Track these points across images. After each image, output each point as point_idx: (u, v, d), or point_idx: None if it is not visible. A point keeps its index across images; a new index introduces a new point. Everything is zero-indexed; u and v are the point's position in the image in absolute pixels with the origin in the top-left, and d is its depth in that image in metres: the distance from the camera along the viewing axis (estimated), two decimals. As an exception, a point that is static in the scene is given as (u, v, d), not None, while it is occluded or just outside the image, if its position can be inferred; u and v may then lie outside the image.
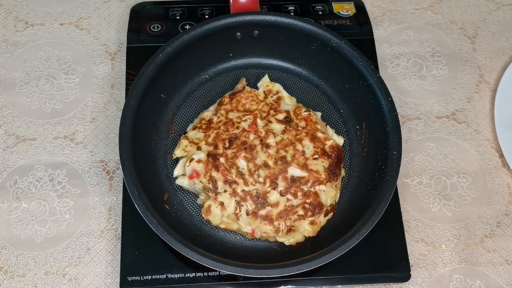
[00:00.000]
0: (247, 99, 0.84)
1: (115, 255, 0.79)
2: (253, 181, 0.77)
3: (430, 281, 0.80)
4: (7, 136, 0.87)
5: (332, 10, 0.98)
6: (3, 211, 0.82)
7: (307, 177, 0.77)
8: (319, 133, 0.81)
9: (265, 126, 0.81)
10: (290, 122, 0.82)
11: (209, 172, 0.77)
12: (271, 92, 0.86)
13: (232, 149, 0.79)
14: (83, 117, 0.89)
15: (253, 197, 0.76)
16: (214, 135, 0.80)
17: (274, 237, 0.77)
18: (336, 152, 0.80)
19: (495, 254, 0.81)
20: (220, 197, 0.76)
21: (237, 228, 0.77)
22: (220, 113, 0.83)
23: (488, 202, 0.85)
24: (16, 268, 0.78)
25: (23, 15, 0.98)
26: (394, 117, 0.79)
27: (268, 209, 0.76)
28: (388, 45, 0.99)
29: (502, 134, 0.88)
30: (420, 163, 0.88)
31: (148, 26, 0.94)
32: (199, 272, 0.76)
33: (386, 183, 0.74)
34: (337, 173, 0.79)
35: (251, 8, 0.87)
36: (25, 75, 0.93)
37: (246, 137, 0.80)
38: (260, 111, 0.83)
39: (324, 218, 0.77)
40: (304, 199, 0.76)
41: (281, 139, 0.80)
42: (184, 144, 0.80)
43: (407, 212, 0.84)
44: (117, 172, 0.85)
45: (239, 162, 0.78)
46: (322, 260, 0.69)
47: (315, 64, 0.89)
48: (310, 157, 0.79)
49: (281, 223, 0.75)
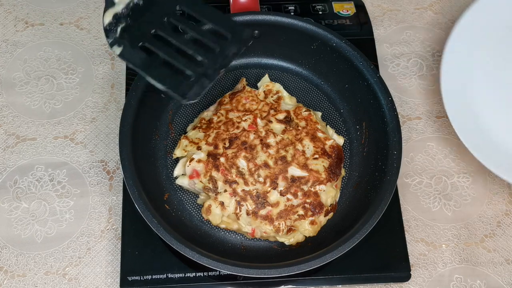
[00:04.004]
0: (247, 99, 0.84)
1: (115, 255, 0.79)
2: (253, 181, 0.77)
3: (430, 281, 0.80)
4: (7, 136, 0.87)
5: (332, 9, 0.97)
6: (3, 211, 0.82)
7: (307, 177, 0.77)
8: (319, 133, 0.81)
9: (265, 126, 0.81)
10: (290, 122, 0.82)
11: (209, 172, 0.77)
12: (271, 92, 0.86)
13: (232, 149, 0.79)
14: (83, 117, 0.89)
15: (253, 197, 0.76)
16: (214, 135, 0.80)
17: (274, 237, 0.77)
18: (336, 152, 0.80)
19: (496, 254, 0.81)
20: (220, 197, 0.76)
21: (237, 228, 0.77)
22: (220, 113, 0.83)
23: (489, 202, 0.85)
24: (16, 268, 0.78)
25: (23, 15, 0.98)
26: (394, 117, 0.79)
27: (268, 209, 0.76)
28: (388, 44, 0.99)
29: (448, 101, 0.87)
30: (420, 162, 0.88)
31: (148, 26, 0.94)
32: (199, 272, 0.76)
33: (386, 183, 0.75)
34: (337, 173, 0.79)
35: (251, 8, 0.87)
36: (25, 75, 0.93)
37: (246, 137, 0.80)
38: (260, 111, 0.83)
39: (324, 218, 0.77)
40: (304, 199, 0.76)
41: (281, 139, 0.80)
42: (184, 144, 0.80)
43: (407, 212, 0.84)
44: (117, 172, 0.85)
45: (239, 162, 0.78)
46: (322, 260, 0.69)
47: (315, 64, 0.89)
48: (310, 157, 0.79)
49: (281, 223, 0.75)
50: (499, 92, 0.90)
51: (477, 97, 0.88)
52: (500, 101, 0.89)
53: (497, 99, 0.89)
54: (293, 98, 0.87)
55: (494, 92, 0.89)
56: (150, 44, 0.66)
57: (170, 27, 0.68)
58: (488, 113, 0.88)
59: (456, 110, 0.85)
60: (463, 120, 0.84)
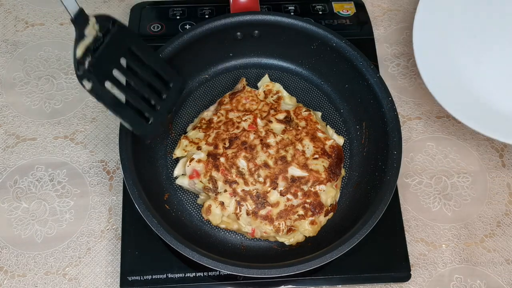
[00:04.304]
0: (247, 99, 0.84)
1: (115, 255, 0.79)
2: (253, 181, 0.77)
3: (430, 281, 0.80)
4: (7, 136, 0.87)
5: (332, 9, 0.98)
6: (3, 211, 0.82)
7: (307, 177, 0.77)
8: (319, 133, 0.81)
9: (265, 126, 0.81)
10: (290, 122, 0.82)
11: (209, 172, 0.77)
12: (271, 92, 0.86)
13: (232, 149, 0.79)
14: (83, 117, 0.89)
15: (253, 197, 0.76)
16: (214, 135, 0.80)
17: (274, 237, 0.77)
18: (336, 152, 0.80)
19: (495, 253, 0.81)
20: (220, 197, 0.76)
21: (237, 228, 0.77)
22: (220, 113, 0.83)
23: (488, 201, 0.85)
24: (16, 268, 0.78)
25: (23, 15, 0.98)
26: (394, 117, 0.79)
27: (268, 209, 0.76)
28: (388, 44, 0.99)
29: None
30: (420, 162, 0.88)
31: (148, 26, 0.94)
32: (199, 272, 0.76)
33: (387, 183, 0.74)
34: (337, 173, 0.79)
35: (251, 8, 0.87)
36: (25, 75, 0.93)
37: (246, 137, 0.80)
38: (260, 111, 0.83)
39: (324, 218, 0.77)
40: (304, 199, 0.76)
41: (281, 139, 0.80)
42: (184, 144, 0.80)
43: (407, 212, 0.84)
44: (117, 172, 0.85)
45: (239, 162, 0.78)
46: (322, 260, 0.69)
47: (315, 64, 0.89)
48: (310, 157, 0.79)
49: (281, 223, 0.75)
50: (470, 38, 0.88)
51: (450, 44, 0.88)
52: (470, 47, 0.88)
53: (466, 45, 0.88)
54: (293, 98, 0.87)
55: (467, 39, 0.88)
56: (113, 83, 0.70)
57: (128, 65, 0.74)
58: (456, 57, 0.87)
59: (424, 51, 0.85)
60: (429, 60, 0.85)
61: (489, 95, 0.85)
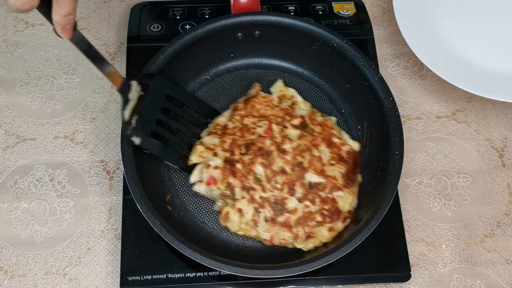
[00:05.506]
0: (261, 105, 0.83)
1: (115, 255, 0.79)
2: (270, 188, 0.76)
3: (430, 281, 0.80)
4: (7, 136, 0.87)
5: (332, 9, 0.98)
6: (3, 211, 0.81)
7: (325, 183, 0.76)
8: (335, 139, 0.80)
9: (280, 131, 0.80)
10: (306, 127, 0.81)
11: (227, 178, 0.76)
12: (285, 97, 0.85)
13: (248, 155, 0.77)
14: (83, 117, 0.89)
15: (271, 203, 0.75)
16: (230, 141, 0.79)
17: (292, 244, 0.76)
18: (352, 158, 0.80)
19: (495, 254, 0.82)
20: (238, 204, 0.75)
21: (255, 234, 0.76)
22: (235, 119, 0.81)
23: (488, 201, 0.85)
24: (16, 268, 0.78)
25: (23, 15, 0.98)
26: (395, 117, 0.79)
27: (287, 216, 0.75)
28: (388, 44, 0.99)
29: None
30: (420, 163, 0.88)
31: (148, 26, 0.94)
32: (199, 272, 0.76)
33: (388, 183, 0.74)
34: (354, 179, 0.78)
35: (252, 8, 0.87)
36: (25, 75, 0.92)
37: (262, 143, 0.78)
38: (275, 116, 0.81)
39: (342, 224, 0.76)
40: (322, 205, 0.75)
41: (297, 144, 0.79)
42: (199, 150, 0.78)
43: (407, 212, 0.84)
44: (117, 172, 0.85)
45: (256, 168, 0.77)
46: (325, 261, 0.69)
47: (316, 64, 0.89)
48: (327, 163, 0.78)
49: (300, 230, 0.74)
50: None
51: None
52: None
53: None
54: (307, 103, 0.85)
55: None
56: (158, 131, 0.79)
57: (167, 111, 0.81)
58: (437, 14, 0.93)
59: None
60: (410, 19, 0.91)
61: (457, 44, 0.92)
